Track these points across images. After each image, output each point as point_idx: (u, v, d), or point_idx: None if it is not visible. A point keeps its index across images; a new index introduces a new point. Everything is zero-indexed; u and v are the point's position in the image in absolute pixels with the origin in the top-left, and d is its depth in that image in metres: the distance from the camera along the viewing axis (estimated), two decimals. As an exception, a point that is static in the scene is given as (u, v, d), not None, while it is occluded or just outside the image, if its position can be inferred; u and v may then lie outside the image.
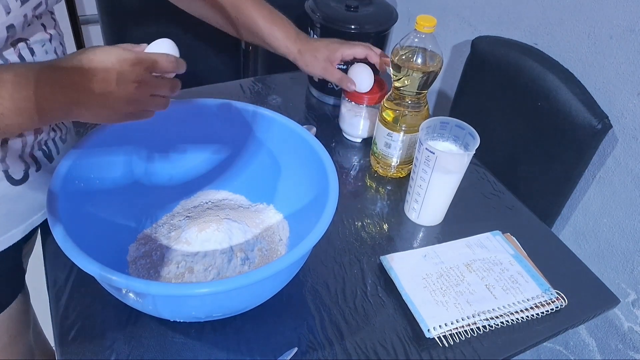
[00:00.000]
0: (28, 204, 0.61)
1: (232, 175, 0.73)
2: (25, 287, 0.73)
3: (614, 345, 0.90)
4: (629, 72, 0.77)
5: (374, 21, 0.93)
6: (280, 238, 0.67)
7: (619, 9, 0.76)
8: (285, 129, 0.67)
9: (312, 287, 0.65)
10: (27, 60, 0.55)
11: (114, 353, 0.55)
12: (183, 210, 0.70)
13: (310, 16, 0.94)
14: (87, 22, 1.92)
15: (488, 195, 0.82)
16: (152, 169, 0.69)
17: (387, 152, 0.80)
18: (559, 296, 0.64)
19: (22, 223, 0.62)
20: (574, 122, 0.80)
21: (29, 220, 0.62)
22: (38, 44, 0.56)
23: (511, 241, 0.72)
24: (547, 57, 0.88)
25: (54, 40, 0.59)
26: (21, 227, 0.62)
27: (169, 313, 0.54)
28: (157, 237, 0.65)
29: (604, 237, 0.87)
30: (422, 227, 0.75)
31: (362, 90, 0.84)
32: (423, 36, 0.70)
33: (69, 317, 0.58)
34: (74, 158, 0.57)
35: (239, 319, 0.60)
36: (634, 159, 0.79)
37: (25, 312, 0.73)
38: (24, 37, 0.54)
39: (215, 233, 0.62)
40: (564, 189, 0.86)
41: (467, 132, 0.69)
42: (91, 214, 0.59)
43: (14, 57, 0.53)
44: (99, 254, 0.47)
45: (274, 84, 1.05)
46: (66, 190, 0.54)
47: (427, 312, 0.61)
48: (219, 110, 0.68)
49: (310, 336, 0.59)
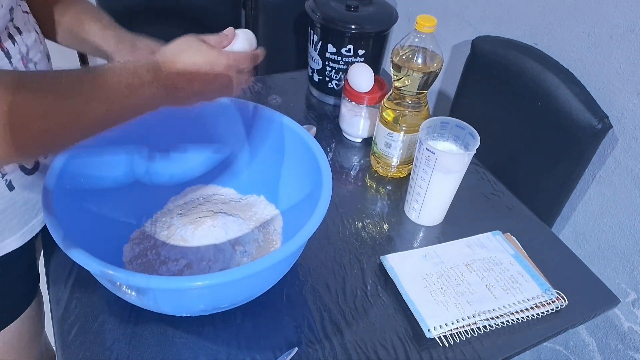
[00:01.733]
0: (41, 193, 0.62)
1: (219, 168, 0.73)
2: (40, 290, 0.72)
3: (614, 345, 0.90)
4: (629, 72, 0.77)
5: (374, 21, 0.93)
6: (274, 228, 0.67)
7: (619, 9, 0.76)
8: (275, 123, 0.67)
9: (313, 287, 0.64)
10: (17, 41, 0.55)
11: (114, 353, 0.55)
12: (174, 207, 0.70)
13: (310, 16, 0.94)
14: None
15: (488, 195, 0.82)
16: (152, 168, 0.69)
17: (387, 152, 0.80)
18: (559, 296, 0.64)
19: (40, 213, 0.62)
20: (574, 122, 0.80)
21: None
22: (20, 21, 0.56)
23: (511, 241, 0.72)
24: (547, 57, 0.88)
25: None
26: (40, 217, 0.62)
27: (171, 308, 0.54)
28: (150, 235, 0.65)
29: (604, 237, 0.87)
30: (422, 227, 0.75)
31: (362, 90, 0.84)
32: (423, 36, 0.70)
33: (69, 317, 0.58)
34: (68, 155, 0.57)
35: (240, 318, 0.60)
36: (634, 159, 0.79)
37: (40, 314, 0.73)
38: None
39: (212, 229, 0.62)
40: (564, 189, 0.86)
41: (467, 132, 0.69)
42: (85, 213, 0.58)
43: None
44: (95, 255, 0.47)
45: (274, 84, 1.05)
46: (61, 189, 0.54)
47: (427, 312, 0.61)
48: (219, 106, 0.69)
49: (310, 336, 0.59)
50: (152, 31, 0.92)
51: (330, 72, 0.97)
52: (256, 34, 1.29)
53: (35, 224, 0.62)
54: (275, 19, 1.32)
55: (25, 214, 0.60)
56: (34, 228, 0.62)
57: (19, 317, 0.66)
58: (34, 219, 0.62)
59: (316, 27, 0.94)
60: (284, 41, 1.35)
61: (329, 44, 0.94)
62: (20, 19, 0.56)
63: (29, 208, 0.60)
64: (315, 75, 1.00)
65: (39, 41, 0.60)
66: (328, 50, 0.95)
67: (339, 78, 0.98)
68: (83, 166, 0.59)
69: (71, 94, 0.42)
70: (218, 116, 0.69)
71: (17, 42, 0.54)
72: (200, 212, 0.67)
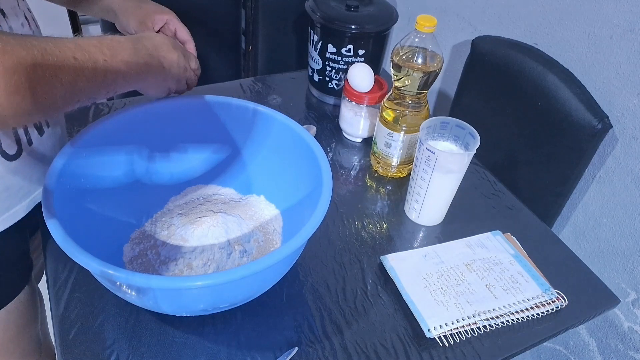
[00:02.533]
0: (26, 179, 0.61)
1: (219, 168, 0.73)
2: (33, 280, 0.73)
3: (614, 345, 0.90)
4: (629, 72, 0.77)
5: (374, 21, 0.93)
6: (274, 228, 0.67)
7: (619, 9, 0.76)
8: (275, 123, 0.67)
9: (313, 286, 0.64)
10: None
11: (114, 353, 0.55)
12: (174, 207, 0.70)
13: (310, 16, 0.94)
14: (87, 22, 1.93)
15: (488, 195, 0.82)
16: (152, 168, 0.69)
17: (388, 152, 0.80)
18: (559, 296, 0.64)
19: (24, 199, 0.62)
20: (574, 122, 0.80)
21: (30, 196, 0.63)
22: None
23: (511, 241, 0.72)
24: (547, 57, 0.88)
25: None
26: (24, 204, 0.62)
27: (172, 307, 0.54)
28: (150, 235, 0.65)
29: (604, 237, 0.87)
30: (423, 227, 0.75)
31: (362, 90, 0.84)
32: (423, 36, 0.70)
33: (69, 317, 0.58)
34: (68, 155, 0.57)
35: (240, 318, 0.60)
36: (634, 158, 0.79)
37: (33, 305, 0.74)
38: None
39: (212, 229, 0.62)
40: (564, 189, 0.86)
41: (468, 132, 0.69)
42: (85, 213, 0.58)
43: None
44: (95, 255, 0.47)
45: (274, 84, 1.05)
46: (61, 188, 0.54)
47: (428, 312, 0.61)
48: (218, 106, 0.69)
49: (310, 335, 0.59)
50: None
51: (330, 72, 0.97)
52: (256, 33, 1.29)
53: (19, 210, 0.62)
54: (275, 19, 1.32)
55: (7, 200, 0.60)
56: (17, 214, 0.62)
57: (4, 307, 0.66)
58: (16, 205, 0.61)
59: (316, 27, 0.94)
60: (284, 41, 1.35)
61: (329, 43, 0.94)
62: (7, 2, 0.56)
63: (11, 194, 0.60)
64: (315, 75, 1.00)
65: (28, 26, 0.60)
66: (328, 50, 0.95)
67: (339, 78, 0.98)
68: (83, 166, 0.59)
69: (58, 49, 0.46)
70: (218, 116, 0.69)
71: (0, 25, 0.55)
72: (200, 212, 0.67)
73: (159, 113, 0.67)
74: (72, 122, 0.85)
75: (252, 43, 1.39)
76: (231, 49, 1.39)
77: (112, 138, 0.63)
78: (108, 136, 0.63)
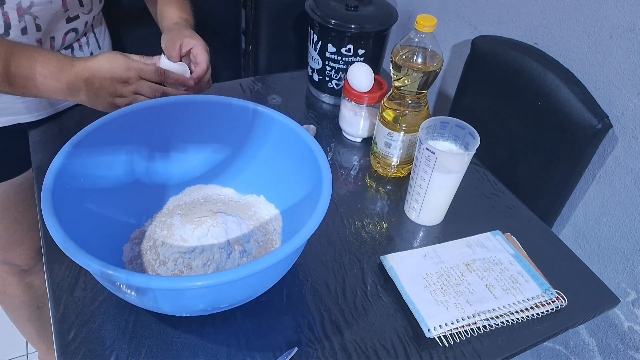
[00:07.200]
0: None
1: (219, 168, 0.73)
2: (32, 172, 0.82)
3: (614, 345, 0.90)
4: (629, 71, 0.77)
5: (374, 21, 0.93)
6: (274, 228, 0.67)
7: (619, 9, 0.76)
8: (275, 123, 0.67)
9: (312, 286, 0.64)
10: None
11: (114, 353, 0.55)
12: (174, 207, 0.70)
13: (310, 16, 0.94)
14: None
15: (488, 195, 0.82)
16: (152, 168, 0.69)
17: (387, 151, 0.80)
18: (559, 296, 0.64)
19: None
20: (574, 122, 0.80)
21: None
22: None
23: (511, 241, 0.72)
24: (547, 56, 0.88)
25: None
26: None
27: (171, 308, 0.54)
28: (150, 235, 0.65)
29: (604, 237, 0.87)
30: (422, 226, 0.75)
31: (362, 90, 0.84)
32: (423, 36, 0.70)
33: (69, 317, 0.58)
34: (68, 155, 0.57)
35: (239, 318, 0.60)
36: (634, 158, 0.79)
37: (30, 188, 0.87)
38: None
39: (212, 229, 0.62)
40: (564, 189, 0.86)
41: (467, 131, 0.69)
42: (85, 213, 0.58)
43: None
44: (95, 255, 0.47)
45: (274, 83, 1.05)
46: (61, 188, 0.54)
47: (427, 312, 0.61)
48: (218, 106, 0.69)
49: (310, 335, 0.59)
50: (152, 31, 0.92)
51: (330, 72, 0.97)
52: (256, 33, 1.29)
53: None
54: (275, 19, 1.31)
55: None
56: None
57: (11, 179, 0.84)
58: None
59: (316, 26, 0.94)
60: (284, 41, 1.35)
61: (328, 43, 0.94)
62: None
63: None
64: (315, 75, 1.00)
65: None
66: (328, 50, 0.95)
67: (338, 78, 0.98)
68: (83, 166, 0.59)
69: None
70: (218, 116, 0.69)
71: None
72: (200, 212, 0.67)
73: (159, 113, 0.67)
74: (72, 122, 0.85)
75: (252, 43, 1.39)
76: (231, 49, 1.38)
77: (112, 138, 0.63)
78: (108, 136, 0.63)
